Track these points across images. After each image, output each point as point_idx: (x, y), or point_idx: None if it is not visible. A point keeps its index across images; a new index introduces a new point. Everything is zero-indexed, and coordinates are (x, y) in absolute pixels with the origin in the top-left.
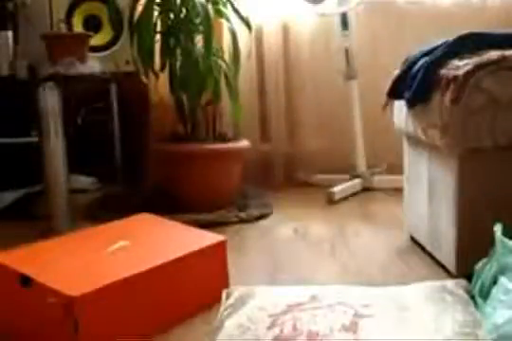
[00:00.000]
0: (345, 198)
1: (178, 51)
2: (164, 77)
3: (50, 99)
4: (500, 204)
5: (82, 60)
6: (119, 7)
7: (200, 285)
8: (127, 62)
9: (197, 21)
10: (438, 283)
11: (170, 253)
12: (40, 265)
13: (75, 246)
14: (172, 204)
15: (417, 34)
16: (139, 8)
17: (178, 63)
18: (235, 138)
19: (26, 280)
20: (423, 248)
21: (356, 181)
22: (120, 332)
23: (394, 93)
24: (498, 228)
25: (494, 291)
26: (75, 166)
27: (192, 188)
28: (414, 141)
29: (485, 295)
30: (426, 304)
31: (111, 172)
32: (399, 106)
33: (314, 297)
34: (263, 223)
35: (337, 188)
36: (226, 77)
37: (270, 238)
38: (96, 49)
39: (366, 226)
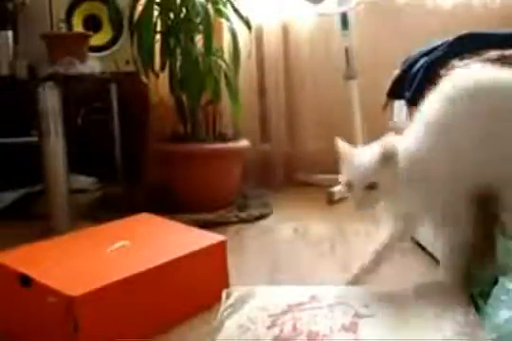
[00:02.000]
0: (345, 198)
1: (178, 51)
2: (164, 77)
3: (50, 99)
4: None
5: (82, 60)
6: (119, 7)
7: (200, 285)
8: (127, 62)
9: (197, 21)
10: (438, 283)
11: (170, 253)
12: (40, 265)
13: (75, 246)
14: (171, 204)
15: (417, 34)
16: (139, 7)
17: (178, 63)
18: (235, 138)
19: (26, 280)
20: (423, 248)
21: None
22: (120, 332)
23: (394, 93)
24: (498, 228)
25: (494, 291)
26: (75, 166)
27: (192, 188)
28: None
29: (486, 295)
30: (426, 304)
31: (111, 172)
32: (399, 106)
33: (314, 297)
34: (263, 223)
35: (337, 188)
36: (226, 76)
37: (270, 238)
38: (96, 49)
39: (366, 226)
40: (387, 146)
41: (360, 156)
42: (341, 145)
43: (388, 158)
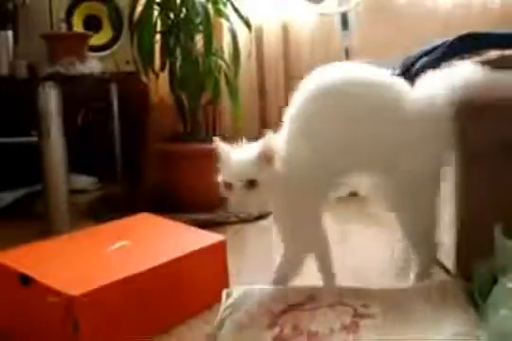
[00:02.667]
0: (345, 198)
1: (178, 51)
2: (164, 77)
3: (50, 99)
4: (500, 204)
5: (82, 59)
6: (119, 6)
7: (200, 285)
8: (127, 62)
9: (197, 20)
10: (438, 283)
11: (170, 253)
12: (40, 265)
13: (75, 246)
14: (172, 203)
15: (417, 34)
16: (139, 7)
17: (178, 63)
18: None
19: (26, 280)
20: None
21: None
22: (120, 332)
23: None
24: (498, 228)
25: (494, 291)
26: (75, 165)
27: (192, 188)
28: None
29: (485, 295)
30: (426, 304)
31: (111, 172)
32: None
33: (314, 297)
34: (262, 222)
35: None
36: (226, 76)
37: (270, 238)
38: (96, 49)
39: (366, 226)
40: (266, 144)
41: (238, 155)
42: (220, 145)
43: (266, 156)
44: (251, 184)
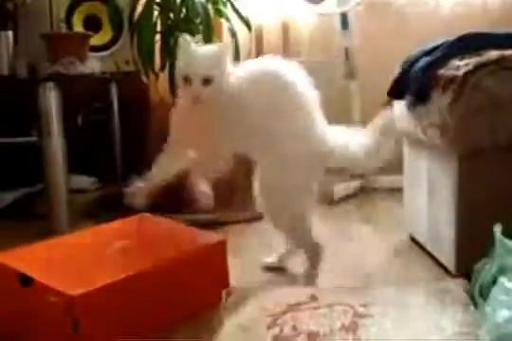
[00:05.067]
0: (345, 198)
1: None
2: (164, 77)
3: (50, 99)
4: (499, 204)
5: (83, 59)
6: (119, 6)
7: (200, 285)
8: (127, 63)
9: (197, 21)
10: (438, 283)
11: (170, 253)
12: (40, 265)
13: (75, 246)
14: (172, 204)
15: (417, 34)
16: (139, 7)
17: None
18: None
19: (26, 280)
20: (423, 248)
21: (356, 181)
22: (120, 332)
23: (395, 93)
24: (497, 229)
25: (494, 291)
26: (75, 166)
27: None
28: (414, 141)
29: (485, 295)
30: (426, 304)
31: (111, 172)
32: (399, 106)
33: (314, 297)
34: (263, 222)
35: (337, 188)
36: None
37: (270, 238)
38: (96, 49)
39: (366, 226)
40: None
41: (199, 49)
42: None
43: (224, 53)
44: (208, 80)
